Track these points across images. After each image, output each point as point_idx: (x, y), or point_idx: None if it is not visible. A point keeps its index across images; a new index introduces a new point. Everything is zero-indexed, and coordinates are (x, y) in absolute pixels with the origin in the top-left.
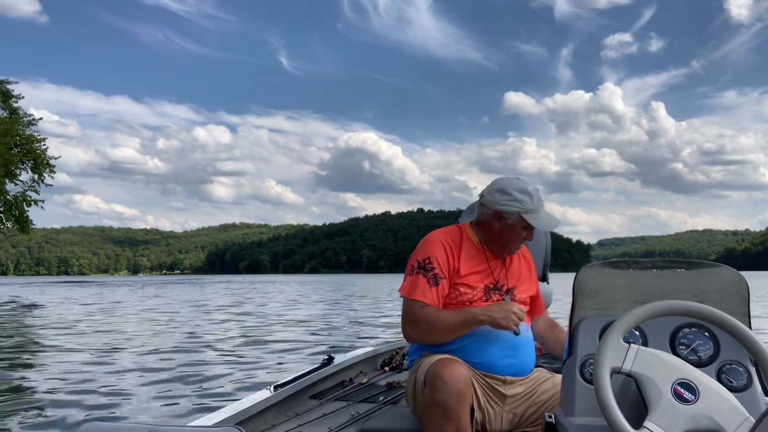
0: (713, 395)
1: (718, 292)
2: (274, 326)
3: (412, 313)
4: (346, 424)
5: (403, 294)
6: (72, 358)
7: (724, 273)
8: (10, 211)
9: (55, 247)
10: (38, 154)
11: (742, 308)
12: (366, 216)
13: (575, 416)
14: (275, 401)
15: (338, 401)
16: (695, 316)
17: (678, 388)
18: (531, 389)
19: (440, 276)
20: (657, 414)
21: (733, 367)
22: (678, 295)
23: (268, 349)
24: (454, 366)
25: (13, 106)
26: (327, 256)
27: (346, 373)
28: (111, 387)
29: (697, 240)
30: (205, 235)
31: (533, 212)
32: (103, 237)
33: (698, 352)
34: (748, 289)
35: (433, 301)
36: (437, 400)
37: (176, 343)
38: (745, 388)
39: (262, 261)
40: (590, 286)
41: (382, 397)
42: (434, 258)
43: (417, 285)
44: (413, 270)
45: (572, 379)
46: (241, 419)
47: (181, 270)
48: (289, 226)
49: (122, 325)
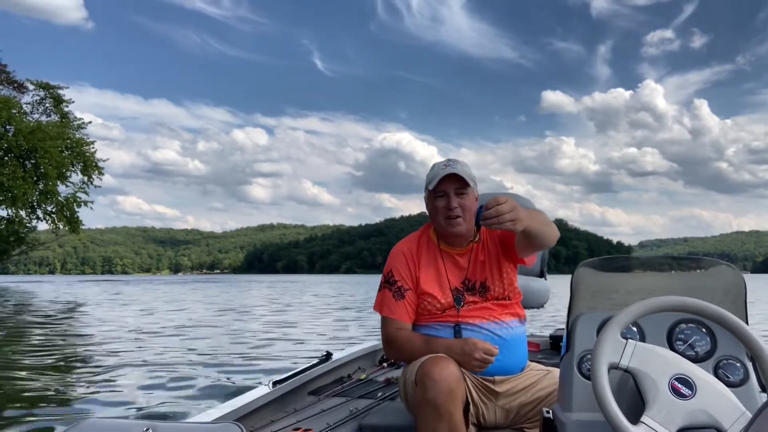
0: (710, 390)
1: (715, 288)
2: (284, 325)
3: (384, 333)
4: (345, 419)
5: (375, 310)
6: (70, 355)
7: (722, 270)
8: (62, 211)
9: (99, 246)
10: (87, 156)
11: (740, 305)
12: (402, 217)
13: (573, 412)
14: (274, 397)
15: (337, 397)
16: (692, 312)
17: (675, 383)
18: (526, 384)
19: (405, 287)
20: (654, 409)
21: (730, 362)
22: (675, 291)
23: (268, 348)
24: (444, 364)
25: (64, 110)
26: (363, 256)
27: (344, 369)
28: (110, 383)
29: (743, 242)
30: (243, 235)
31: (434, 178)
32: (145, 237)
33: (695, 347)
34: (745, 287)
35: (401, 315)
36: (428, 399)
37: (176, 340)
38: (741, 384)
39: (299, 261)
40: (588, 283)
41: (380, 393)
42: (396, 270)
43: (384, 301)
44: (381, 285)
45: (570, 374)
46: (239, 415)
47: (220, 269)
48: (325, 227)
49: (126, 322)
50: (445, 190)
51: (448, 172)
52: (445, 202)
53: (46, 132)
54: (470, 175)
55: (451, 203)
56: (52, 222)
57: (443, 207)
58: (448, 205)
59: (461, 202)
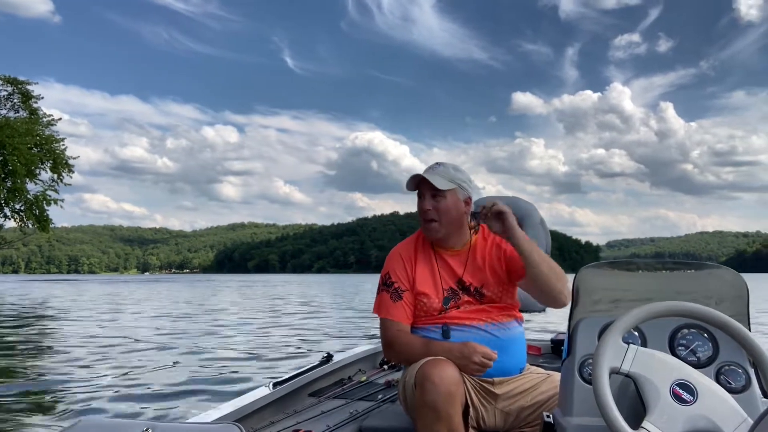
0: (712, 396)
1: (717, 293)
2: (275, 325)
3: (384, 335)
4: (345, 422)
5: (375, 312)
6: (70, 353)
7: (724, 274)
8: (31, 210)
9: (65, 245)
10: (57, 154)
11: (742, 310)
12: (374, 216)
13: (573, 416)
14: (274, 398)
15: (337, 399)
16: (694, 317)
17: (676, 388)
18: (525, 387)
19: (402, 289)
20: (655, 414)
21: (732, 368)
22: (677, 296)
23: (267, 348)
24: (443, 367)
25: (33, 106)
26: (335, 255)
27: (345, 371)
28: (110, 383)
29: (707, 242)
30: (213, 234)
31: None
32: (112, 236)
33: (697, 353)
34: (747, 291)
35: (399, 317)
36: (427, 401)
37: (175, 339)
38: (743, 390)
39: (271, 260)
40: (590, 287)
41: (380, 396)
42: (393, 272)
43: (382, 303)
44: (379, 288)
45: (571, 379)
46: (240, 416)
47: (190, 269)
48: (297, 226)
49: (123, 322)
50: (422, 191)
51: (420, 174)
52: (421, 204)
53: (14, 128)
54: (453, 177)
55: (425, 205)
56: (21, 220)
57: (419, 209)
58: (423, 207)
59: (436, 205)
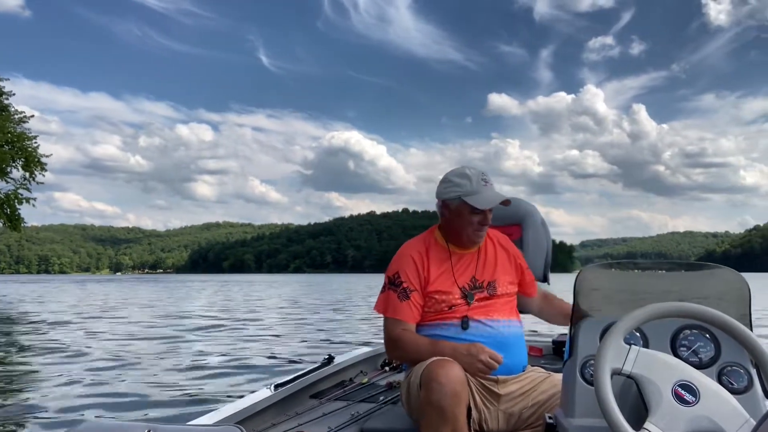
0: (714, 397)
1: (719, 293)
2: (267, 327)
3: (388, 333)
4: (346, 423)
5: (377, 311)
6: (70, 356)
7: (726, 275)
8: (2, 208)
9: (35, 245)
10: (30, 152)
11: (743, 310)
12: (351, 216)
13: (575, 417)
14: (275, 400)
15: (338, 401)
16: (696, 318)
17: (678, 389)
18: (527, 388)
19: (410, 289)
20: (657, 415)
21: (734, 369)
22: (679, 296)
23: (267, 349)
24: (449, 367)
25: (4, 103)
26: (312, 255)
27: (346, 373)
28: (110, 386)
29: (678, 242)
30: (188, 233)
31: (473, 194)
32: (84, 235)
33: (699, 353)
34: (749, 291)
35: (406, 316)
36: (433, 402)
37: (173, 340)
38: (745, 390)
39: (246, 260)
40: (591, 287)
41: (382, 397)
42: (403, 272)
43: (389, 302)
44: (385, 287)
45: (573, 380)
46: (241, 418)
47: (163, 269)
48: (274, 226)
49: (119, 324)
50: (485, 213)
51: (501, 199)
52: (482, 218)
53: None
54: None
55: (488, 219)
56: None
57: (478, 222)
58: (485, 221)
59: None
